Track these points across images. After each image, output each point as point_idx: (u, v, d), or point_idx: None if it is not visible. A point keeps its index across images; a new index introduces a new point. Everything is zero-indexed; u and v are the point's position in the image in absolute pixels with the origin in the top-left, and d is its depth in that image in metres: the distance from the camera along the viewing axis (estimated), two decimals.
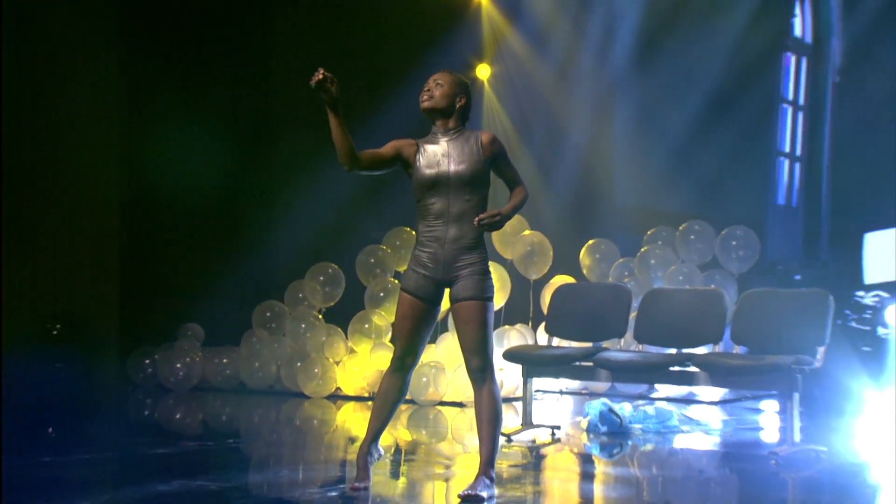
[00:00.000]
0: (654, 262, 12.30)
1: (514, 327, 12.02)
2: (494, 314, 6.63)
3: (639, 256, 12.39)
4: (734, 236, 12.30)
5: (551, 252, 12.63)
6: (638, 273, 12.32)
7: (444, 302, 6.52)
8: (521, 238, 12.68)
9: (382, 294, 12.29)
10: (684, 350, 9.09)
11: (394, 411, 6.67)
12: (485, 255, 6.49)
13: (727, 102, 14.01)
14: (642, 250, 12.44)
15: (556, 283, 11.48)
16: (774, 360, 8.27)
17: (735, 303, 9.44)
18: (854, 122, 14.32)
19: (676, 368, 8.83)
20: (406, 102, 10.16)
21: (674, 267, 12.23)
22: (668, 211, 13.84)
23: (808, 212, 14.95)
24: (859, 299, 11.49)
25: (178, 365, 12.45)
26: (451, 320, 11.32)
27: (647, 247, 12.49)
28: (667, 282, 12.05)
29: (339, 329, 12.31)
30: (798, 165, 15.18)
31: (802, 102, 15.22)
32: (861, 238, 13.24)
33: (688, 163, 14.10)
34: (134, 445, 9.01)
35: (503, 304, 12.21)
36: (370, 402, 10.89)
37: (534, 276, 12.63)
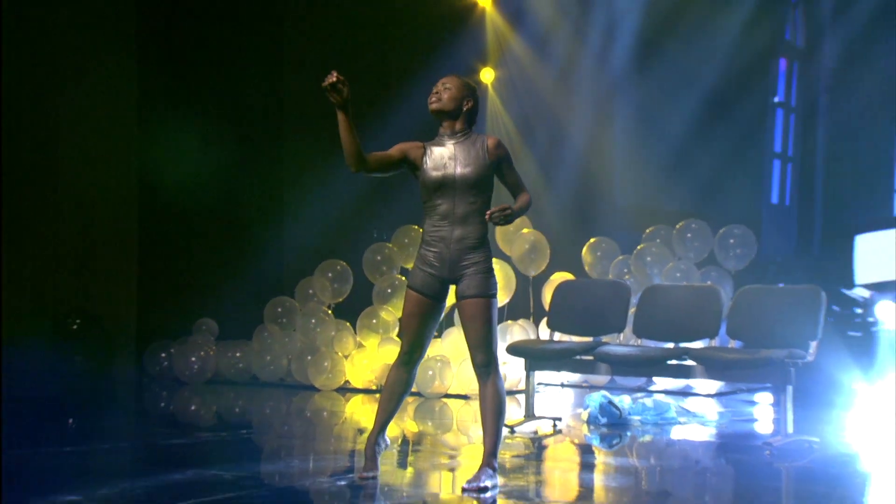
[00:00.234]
0: (650, 260, 12.29)
1: (517, 322, 12.03)
2: (498, 310, 6.63)
3: (635, 254, 12.38)
4: (732, 235, 12.30)
5: (549, 250, 12.63)
6: (636, 270, 12.32)
7: (450, 297, 6.53)
8: (520, 236, 12.68)
9: (390, 290, 12.31)
10: (681, 344, 9.08)
11: (400, 403, 6.68)
12: (489, 253, 6.49)
13: (723, 105, 14.00)
14: (639, 247, 12.43)
15: (557, 280, 11.49)
16: (768, 354, 8.28)
17: (731, 299, 9.44)
18: (845, 124, 14.31)
19: (674, 362, 8.84)
20: (412, 105, 10.20)
21: (671, 264, 12.22)
22: (667, 210, 13.83)
23: (802, 210, 14.93)
24: (850, 295, 11.49)
25: (193, 358, 12.47)
26: (457, 316, 11.36)
27: (644, 244, 12.48)
28: (664, 279, 12.05)
29: (347, 324, 12.32)
30: (791, 166, 15.17)
31: (795, 105, 15.20)
32: (852, 236, 13.24)
33: (685, 163, 14.10)
34: (150, 436, 9.04)
35: (507, 301, 12.22)
36: (378, 395, 10.88)
37: (533, 273, 12.63)
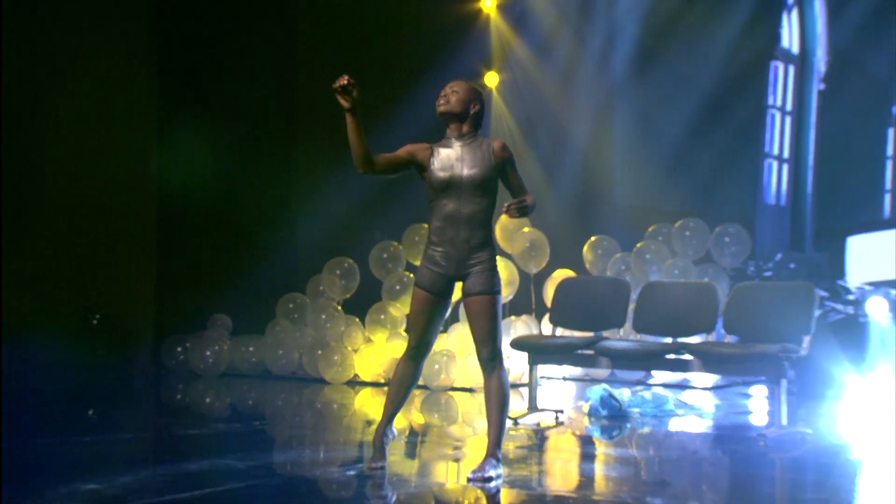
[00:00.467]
0: (649, 257, 12.29)
1: (520, 318, 12.03)
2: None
3: (635, 252, 12.37)
4: (727, 233, 12.30)
5: (548, 248, 12.63)
6: (635, 268, 12.31)
7: (456, 293, 6.55)
8: (520, 235, 12.68)
9: (399, 287, 12.32)
10: (679, 339, 9.08)
11: (408, 396, 6.70)
12: (493, 252, 6.50)
13: (719, 108, 13.97)
14: (638, 245, 12.43)
15: (559, 277, 11.49)
16: (763, 349, 8.28)
17: (727, 295, 9.44)
18: (837, 127, 14.27)
19: (672, 356, 8.85)
20: (419, 107, 10.18)
21: (670, 261, 12.21)
22: (665, 209, 13.80)
23: (795, 210, 14.89)
24: (842, 292, 11.48)
25: (208, 352, 12.48)
26: (463, 312, 11.37)
27: (643, 242, 12.48)
28: (664, 276, 12.05)
29: (356, 319, 12.34)
30: (785, 167, 15.14)
31: (789, 108, 15.17)
32: (844, 235, 13.23)
33: (683, 164, 14.07)
34: (167, 427, 9.06)
35: (510, 297, 12.21)
36: (385, 388, 10.89)
37: (533, 270, 12.63)
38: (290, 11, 14.94)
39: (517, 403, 9.82)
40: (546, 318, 10.92)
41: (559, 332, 9.77)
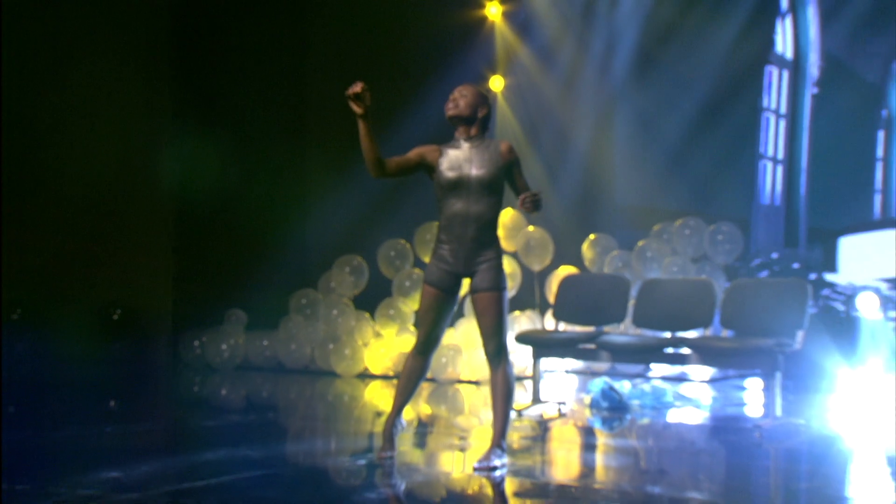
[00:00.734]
0: (650, 255, 12.29)
1: (524, 313, 12.03)
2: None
3: (636, 250, 12.38)
4: (721, 232, 12.31)
5: (551, 246, 12.63)
6: (635, 264, 12.31)
7: (463, 289, 6.55)
8: (523, 233, 12.68)
9: (408, 283, 12.33)
10: (678, 334, 9.09)
11: (416, 389, 6.70)
12: (500, 250, 6.50)
13: (716, 111, 13.96)
14: (639, 244, 12.43)
15: (562, 274, 11.49)
16: (758, 343, 8.29)
17: (723, 291, 9.44)
18: (829, 130, 14.28)
19: (670, 350, 8.85)
20: (428, 110, 10.17)
21: (668, 259, 12.21)
22: (664, 209, 13.80)
23: (789, 210, 14.89)
24: (834, 288, 11.47)
25: (224, 346, 12.50)
26: (469, 307, 11.38)
27: (644, 241, 12.48)
28: (663, 273, 12.04)
29: (366, 314, 12.34)
30: (780, 168, 15.14)
31: (784, 111, 15.16)
32: (836, 234, 13.23)
33: (681, 165, 14.06)
34: (184, 418, 9.07)
35: (513, 293, 12.20)
36: (395, 381, 10.90)
37: (537, 268, 12.63)
38: (301, 17, 14.94)
39: (521, 396, 9.82)
40: (549, 312, 10.92)
41: (562, 326, 9.78)
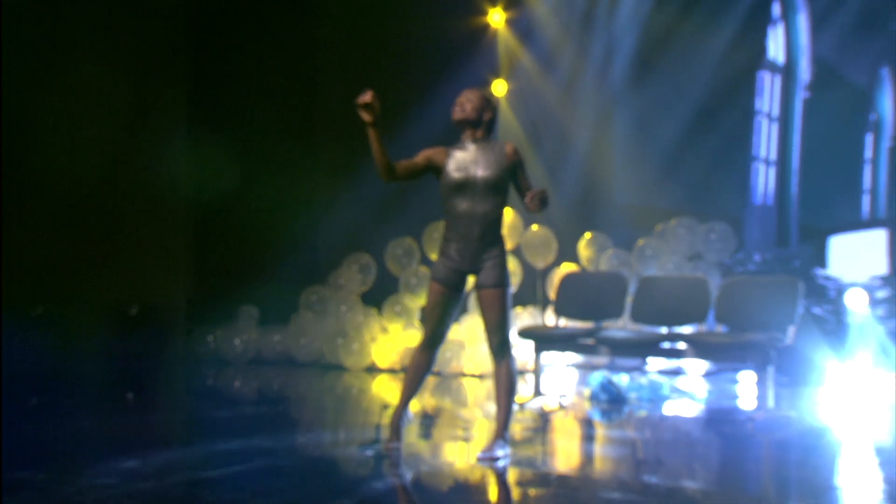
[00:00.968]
0: (650, 253, 12.30)
1: (527, 309, 12.05)
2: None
3: (636, 249, 12.38)
4: (713, 230, 12.32)
5: (554, 244, 12.63)
6: (636, 262, 12.32)
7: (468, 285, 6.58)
8: (529, 232, 12.69)
9: (414, 280, 12.35)
10: (674, 329, 9.11)
11: (422, 382, 6.71)
12: (504, 248, 6.51)
13: (711, 114, 13.97)
14: (640, 242, 12.44)
15: (563, 271, 11.50)
16: (751, 338, 8.30)
17: (718, 288, 9.45)
18: (820, 133, 14.29)
19: (667, 345, 8.87)
20: (434, 113, 10.20)
21: (665, 257, 12.22)
22: (661, 208, 13.80)
23: (781, 209, 14.90)
24: (824, 285, 11.46)
25: (237, 341, 12.54)
26: (473, 303, 11.39)
27: (644, 239, 12.49)
28: (659, 270, 12.05)
29: (374, 310, 12.37)
30: (772, 169, 15.15)
31: (776, 115, 15.17)
32: (826, 233, 13.23)
33: (677, 166, 14.06)
34: (199, 410, 9.09)
35: (515, 291, 12.21)
36: (401, 374, 10.92)
37: (541, 265, 12.64)
38: (311, 25, 14.97)
39: (524, 389, 9.84)
40: (550, 309, 10.94)
41: (562, 322, 9.80)
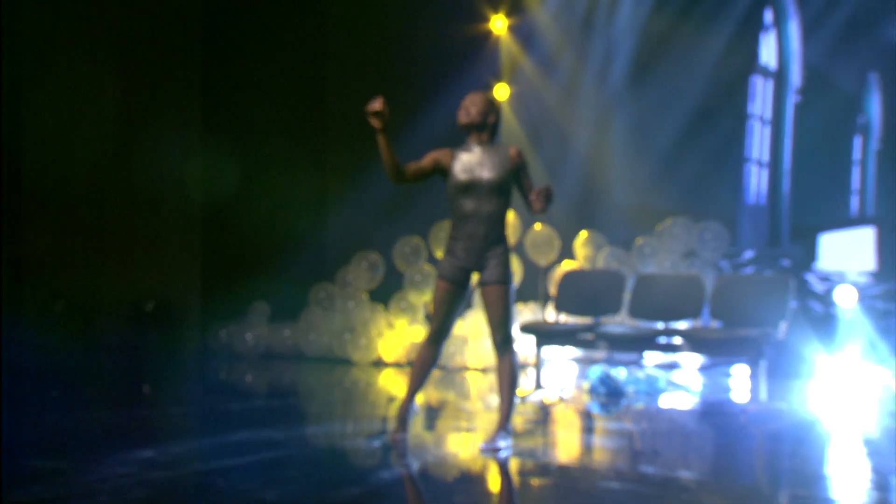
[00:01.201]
0: (648, 252, 12.30)
1: (528, 305, 12.05)
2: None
3: (635, 248, 12.39)
4: (708, 229, 12.33)
5: (557, 242, 12.63)
6: (634, 260, 12.31)
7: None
8: (532, 231, 12.70)
9: (419, 278, 12.35)
10: (670, 324, 9.11)
11: (428, 376, 6.72)
12: (507, 247, 6.53)
13: (706, 117, 13.95)
14: (639, 241, 12.44)
15: (564, 269, 11.51)
16: (744, 333, 8.31)
17: (713, 285, 9.46)
18: (810, 135, 14.27)
19: (663, 340, 8.88)
20: (439, 116, 10.20)
21: (663, 255, 12.22)
22: (658, 208, 13.79)
23: (773, 209, 14.87)
24: (814, 282, 11.47)
25: (248, 336, 12.54)
26: (478, 299, 11.40)
27: (642, 238, 12.49)
28: (656, 267, 12.05)
29: (381, 306, 12.37)
30: (764, 170, 15.13)
31: (768, 118, 15.14)
32: (816, 232, 13.24)
33: (674, 167, 14.04)
34: (213, 402, 9.10)
35: (517, 286, 12.20)
36: (406, 368, 10.93)
37: (543, 263, 12.64)
38: (320, 31, 14.99)
39: (525, 382, 9.85)
40: (550, 305, 10.95)
41: (563, 318, 9.80)
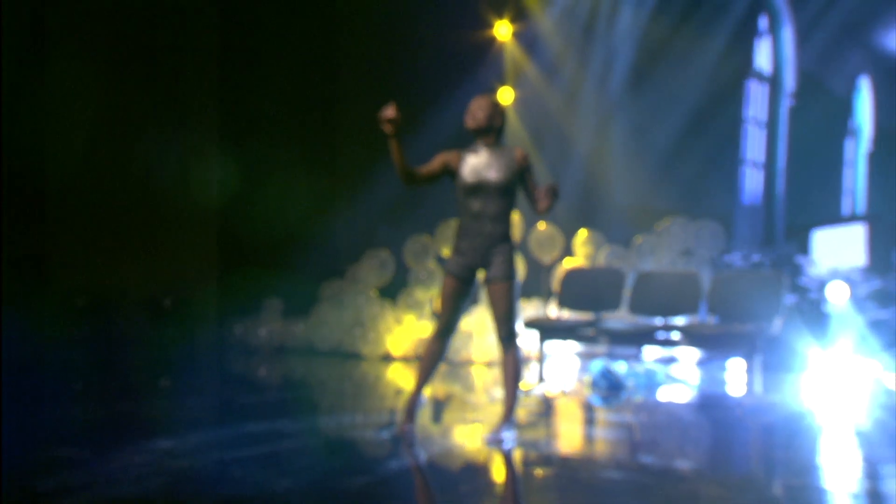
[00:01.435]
0: (648, 250, 12.31)
1: (532, 301, 12.06)
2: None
3: (635, 246, 12.40)
4: (705, 228, 12.34)
5: (560, 241, 12.64)
6: (633, 258, 12.32)
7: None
8: (537, 230, 12.71)
9: (424, 275, 12.36)
10: (668, 320, 9.12)
11: (435, 370, 6.73)
12: (512, 245, 6.53)
13: (702, 120, 13.96)
14: (638, 240, 12.45)
15: (566, 266, 11.51)
16: (740, 328, 8.32)
17: (710, 281, 9.46)
18: (803, 138, 14.29)
19: (662, 335, 8.89)
20: (445, 119, 10.22)
21: (661, 252, 12.23)
22: (657, 207, 13.80)
23: (768, 209, 14.89)
24: (807, 279, 11.46)
25: (262, 331, 12.57)
26: (483, 296, 11.41)
27: (642, 237, 12.50)
28: (655, 265, 12.06)
29: (389, 302, 12.38)
30: (759, 171, 15.14)
31: (763, 121, 15.15)
32: (808, 231, 13.24)
33: (672, 168, 14.05)
34: (228, 394, 9.13)
35: (521, 283, 12.20)
36: (414, 362, 10.94)
37: (547, 261, 12.65)
38: (331, 38, 15.04)
39: (529, 376, 9.86)
40: (553, 301, 10.96)
41: (565, 314, 9.82)
